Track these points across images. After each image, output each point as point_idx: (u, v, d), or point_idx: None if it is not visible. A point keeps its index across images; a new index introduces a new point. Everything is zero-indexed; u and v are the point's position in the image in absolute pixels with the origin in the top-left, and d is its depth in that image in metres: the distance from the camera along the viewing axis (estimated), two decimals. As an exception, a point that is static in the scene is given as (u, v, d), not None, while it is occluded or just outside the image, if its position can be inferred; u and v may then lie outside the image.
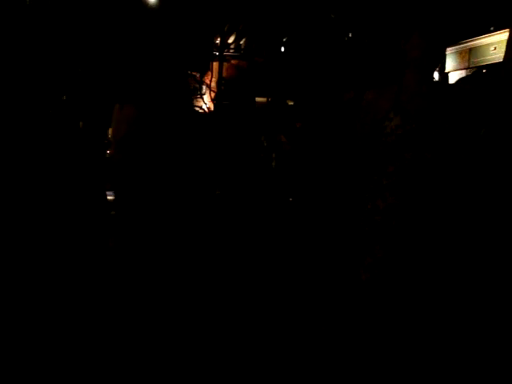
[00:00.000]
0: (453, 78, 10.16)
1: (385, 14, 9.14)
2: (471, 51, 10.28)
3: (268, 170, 6.06)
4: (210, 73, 12.33)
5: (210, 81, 11.11)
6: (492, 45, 9.28)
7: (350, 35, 10.81)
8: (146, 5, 11.36)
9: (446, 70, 10.84)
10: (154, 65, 3.27)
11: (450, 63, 10.83)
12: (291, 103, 9.42)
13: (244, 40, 15.72)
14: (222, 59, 13.74)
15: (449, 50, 10.71)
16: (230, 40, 15.29)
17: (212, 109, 9.46)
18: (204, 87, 9.60)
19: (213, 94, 10.82)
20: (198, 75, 6.69)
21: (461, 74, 9.85)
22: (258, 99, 11.76)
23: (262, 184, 5.49)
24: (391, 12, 8.64)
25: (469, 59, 10.31)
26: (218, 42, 14.13)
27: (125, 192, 3.19)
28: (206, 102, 9.53)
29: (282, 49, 13.21)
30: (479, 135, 2.30)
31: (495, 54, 9.15)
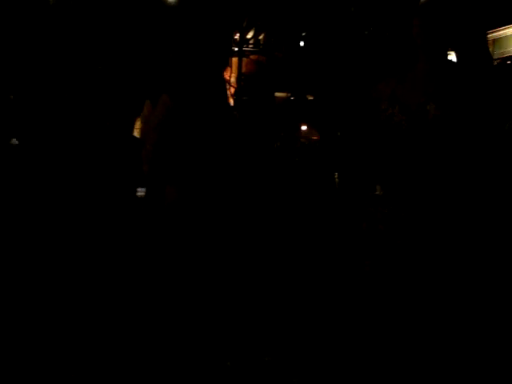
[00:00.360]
0: (476, 70, 9.97)
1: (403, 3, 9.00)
2: (495, 42, 10.08)
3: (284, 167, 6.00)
4: (229, 68, 12.29)
5: (230, 76, 11.07)
6: (517, 35, 9.10)
7: (371, 28, 10.68)
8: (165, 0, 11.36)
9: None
10: (190, 58, 3.30)
11: (473, 55, 10.63)
12: (311, 98, 9.33)
13: (263, 35, 15.64)
14: (241, 54, 13.69)
15: (472, 42, 10.51)
16: (249, 35, 15.22)
17: (232, 104, 9.42)
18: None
19: (232, 90, 10.78)
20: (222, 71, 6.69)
21: (484, 66, 9.66)
22: (277, 94, 11.70)
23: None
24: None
25: (493, 51, 10.11)
26: (236, 37, 14.08)
27: (156, 186, 3.20)
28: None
29: (302, 43, 13.11)
30: (503, 129, 2.21)
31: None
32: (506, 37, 9.53)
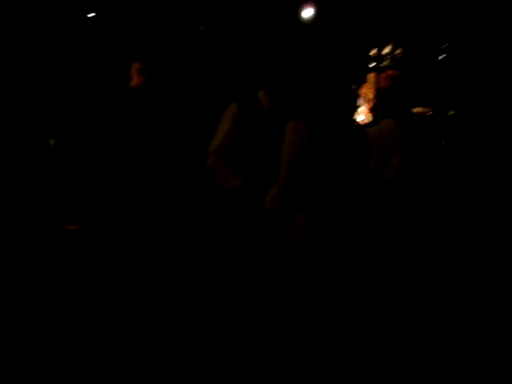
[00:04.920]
0: None
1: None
2: None
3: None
4: (366, 85, 12.32)
5: (367, 92, 11.11)
6: None
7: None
8: (304, 21, 11.73)
9: None
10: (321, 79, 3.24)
11: None
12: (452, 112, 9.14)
13: (400, 50, 15.48)
14: (378, 70, 13.65)
15: None
16: (386, 51, 15.15)
17: (368, 121, 9.48)
18: (361, 100, 9.67)
19: (370, 105, 10.80)
20: (354, 88, 6.83)
21: None
22: (414, 110, 11.54)
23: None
24: None
25: None
26: (373, 53, 14.10)
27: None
28: (361, 115, 9.56)
29: (440, 57, 12.83)
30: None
31: None
32: None
